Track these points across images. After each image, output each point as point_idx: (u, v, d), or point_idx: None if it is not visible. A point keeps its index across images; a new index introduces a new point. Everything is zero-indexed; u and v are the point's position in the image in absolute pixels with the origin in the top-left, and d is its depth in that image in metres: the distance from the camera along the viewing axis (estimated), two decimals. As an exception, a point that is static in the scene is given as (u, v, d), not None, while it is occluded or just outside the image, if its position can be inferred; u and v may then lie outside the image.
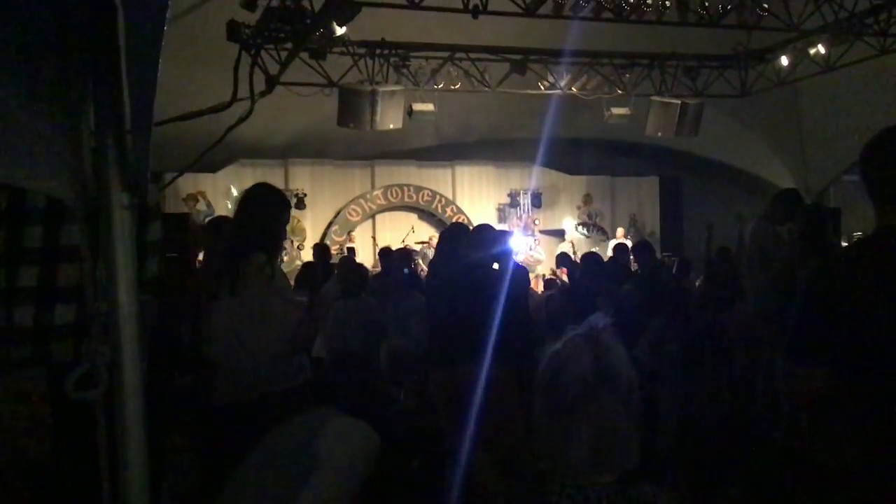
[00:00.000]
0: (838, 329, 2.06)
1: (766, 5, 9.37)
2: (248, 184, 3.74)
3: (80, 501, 2.04)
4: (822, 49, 10.69)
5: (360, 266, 8.12)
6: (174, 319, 3.39)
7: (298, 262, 12.40)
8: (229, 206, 13.48)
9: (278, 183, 14.84)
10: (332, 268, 8.64)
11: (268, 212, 3.43)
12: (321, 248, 10.21)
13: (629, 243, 13.37)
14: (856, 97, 12.39)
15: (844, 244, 5.85)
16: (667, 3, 9.15)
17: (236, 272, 3.25)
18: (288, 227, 14.23)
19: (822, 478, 2.20)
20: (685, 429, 4.94)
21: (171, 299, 3.38)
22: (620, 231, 15.75)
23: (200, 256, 4.58)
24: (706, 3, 9.23)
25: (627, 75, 12.26)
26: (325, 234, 15.36)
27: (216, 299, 3.28)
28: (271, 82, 9.49)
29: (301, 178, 15.46)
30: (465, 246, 5.23)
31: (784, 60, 11.47)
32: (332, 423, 2.26)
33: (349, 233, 15.30)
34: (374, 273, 9.26)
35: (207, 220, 7.92)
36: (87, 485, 1.39)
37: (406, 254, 9.10)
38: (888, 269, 2.07)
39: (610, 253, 12.40)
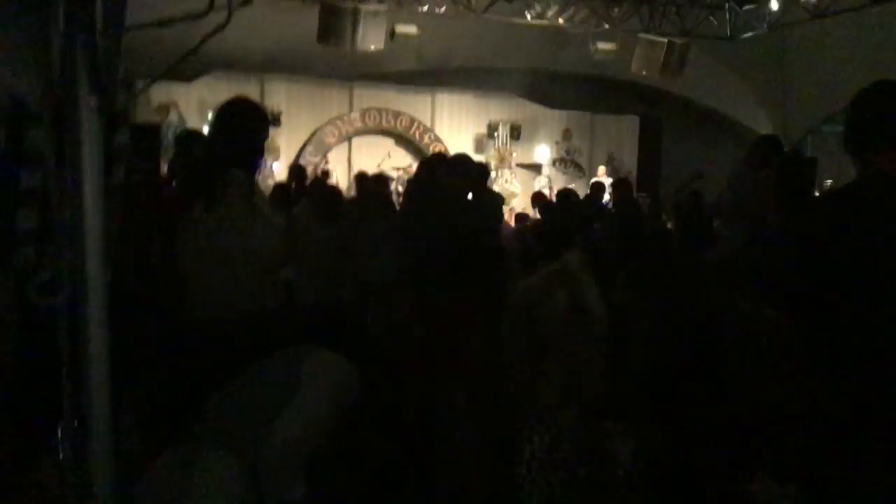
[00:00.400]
0: (815, 275, 2.07)
1: (761, -54, 9.24)
2: (223, 97, 3.63)
3: (42, 409, 2.04)
4: (813, -5, 10.62)
5: (336, 190, 8.04)
6: (141, 232, 3.32)
7: (271, 182, 12.26)
8: (202, 118, 13.22)
9: (254, 98, 14.55)
10: (306, 190, 8.55)
11: (247, 126, 3.31)
12: (298, 170, 10.09)
13: (607, 182, 13.41)
14: (842, 49, 12.35)
15: (817, 194, 5.90)
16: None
17: (213, 188, 3.16)
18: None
19: (775, 418, 2.25)
20: (656, 370, 5.02)
21: (140, 212, 3.29)
22: (602, 169, 15.67)
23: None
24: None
25: (616, 10, 12.11)
26: (299, 154, 15.16)
27: (190, 215, 3.19)
28: (251, -7, 9.23)
29: (277, 95, 15.15)
30: (442, 174, 5.21)
31: (774, 5, 11.37)
32: (313, 355, 2.29)
33: (325, 154, 15.12)
34: (348, 198, 9.18)
35: (179, 131, 7.77)
36: (50, 392, 1.38)
37: (382, 179, 9.01)
38: (881, 215, 2.07)
39: (587, 190, 12.41)
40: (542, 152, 16.90)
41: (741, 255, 5.13)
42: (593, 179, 14.64)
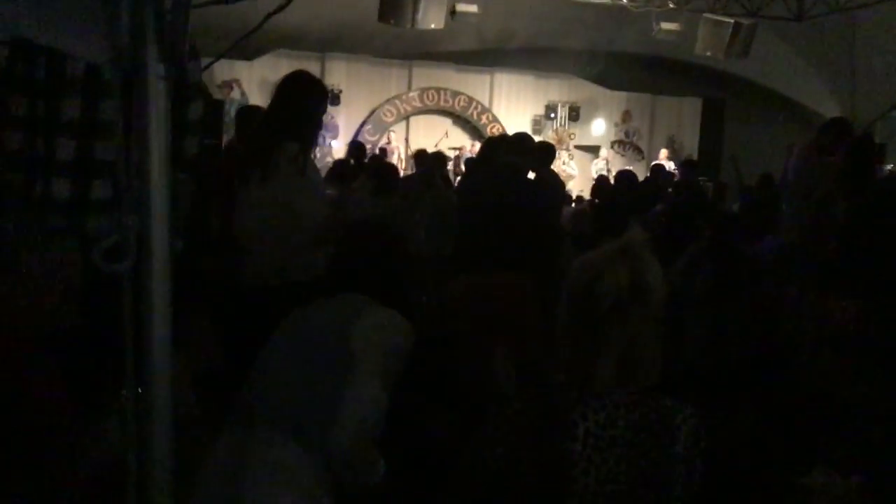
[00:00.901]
0: (877, 263, 2.02)
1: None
2: (284, 73, 3.67)
3: (106, 371, 2.09)
4: (887, -25, 10.22)
5: (393, 167, 8.07)
6: (206, 203, 3.39)
7: (330, 159, 12.36)
8: (263, 96, 13.37)
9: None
10: (365, 167, 8.61)
11: (304, 100, 3.35)
12: (357, 146, 10.17)
13: (669, 165, 13.19)
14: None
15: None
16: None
17: (268, 160, 3.21)
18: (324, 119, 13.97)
19: (835, 411, 2.20)
20: (712, 354, 4.94)
21: (203, 183, 3.37)
22: (664, 153, 15.33)
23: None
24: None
25: (681, -11, 11.84)
26: (358, 132, 15.24)
27: (247, 186, 3.25)
28: (313, -29, 9.26)
29: (337, 73, 15.24)
30: (503, 153, 5.17)
31: (846, -16, 10.99)
32: (366, 312, 2.24)
33: (384, 133, 15.15)
34: (406, 175, 9.22)
35: (240, 107, 7.86)
36: (113, 355, 1.42)
37: (440, 157, 9.02)
38: None
39: (647, 174, 12.22)
40: (601, 134, 16.68)
41: (807, 241, 5.00)
42: (654, 162, 14.40)
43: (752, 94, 16.27)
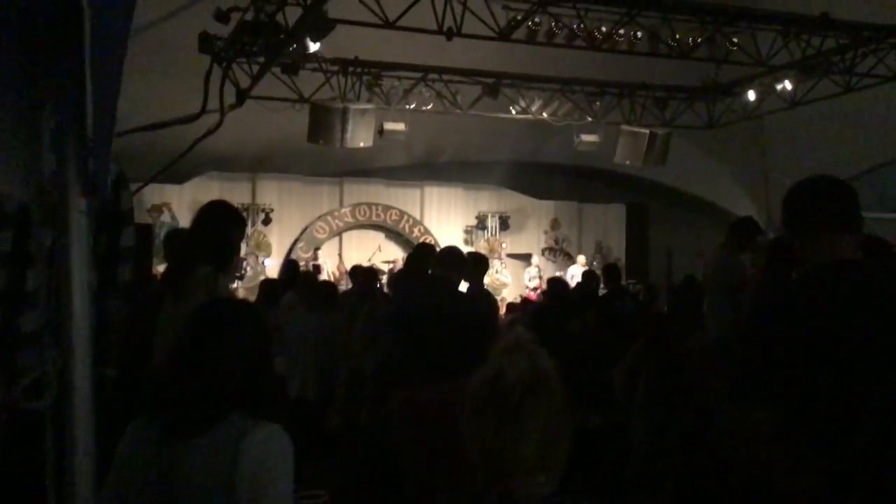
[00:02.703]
0: (783, 369, 2.10)
1: (735, 40, 9.56)
2: (215, 196, 3.77)
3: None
4: (788, 85, 10.93)
5: (329, 282, 8.07)
6: (139, 328, 3.41)
7: (263, 277, 12.29)
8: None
9: (245, 197, 14.73)
10: (296, 284, 8.58)
11: (219, 226, 3.50)
12: (290, 265, 10.18)
13: (580, 271, 13.67)
14: (819, 134, 12.68)
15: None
16: (638, 33, 9.30)
17: (182, 282, 3.34)
18: (253, 243, 14.05)
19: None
20: (657, 456, 4.95)
21: (141, 308, 3.43)
22: (581, 259, 15.78)
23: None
24: (677, 36, 9.40)
25: (598, 103, 12.42)
26: (291, 250, 15.25)
27: (163, 306, 3.37)
28: (242, 96, 9.45)
29: (269, 193, 15.37)
30: (435, 266, 5.23)
31: (751, 95, 11.71)
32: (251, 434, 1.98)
33: (315, 249, 15.20)
34: (343, 291, 9.22)
35: (168, 231, 7.84)
36: (35, 494, 1.35)
37: (373, 273, 9.07)
38: (841, 304, 2.13)
39: (576, 278, 12.47)
40: (531, 242, 17.05)
41: (722, 341, 5.15)
42: (574, 267, 14.85)
43: (673, 199, 16.93)
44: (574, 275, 14.42)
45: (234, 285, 12.20)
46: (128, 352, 3.28)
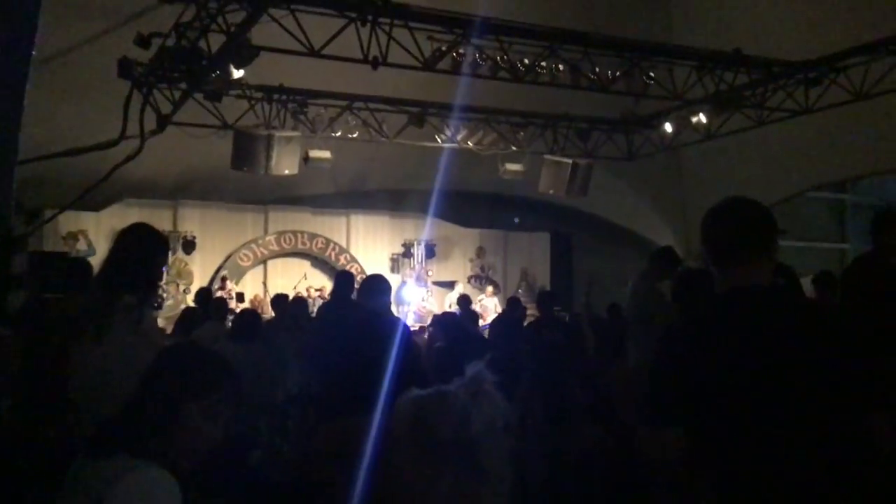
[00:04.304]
0: (685, 392, 2.16)
1: (652, 74, 9.90)
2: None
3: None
4: (703, 118, 11.33)
5: (253, 311, 7.95)
6: (37, 360, 3.20)
7: (183, 306, 12.01)
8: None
9: (166, 224, 14.41)
10: (212, 313, 8.42)
11: (142, 252, 3.26)
12: (203, 294, 9.97)
13: (492, 302, 13.83)
14: (734, 164, 13.19)
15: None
16: (560, 66, 9.54)
17: (102, 316, 3.10)
18: (174, 271, 13.64)
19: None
20: (551, 488, 4.97)
21: (43, 339, 3.20)
22: (490, 289, 15.71)
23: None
24: (597, 69, 9.67)
25: (522, 133, 12.65)
26: (213, 279, 14.97)
27: (80, 343, 3.10)
28: (163, 122, 9.29)
29: (190, 220, 15.07)
30: (360, 295, 5.21)
31: (668, 127, 12.11)
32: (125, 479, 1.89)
33: (223, 279, 14.76)
34: (267, 319, 9.09)
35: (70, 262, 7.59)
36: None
37: (300, 301, 8.98)
38: (739, 330, 2.18)
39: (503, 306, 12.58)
40: (457, 270, 17.14)
41: (640, 367, 5.28)
42: (481, 296, 14.98)
43: (596, 227, 17.29)
44: (451, 302, 14.49)
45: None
46: (29, 384, 3.12)
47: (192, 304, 12.17)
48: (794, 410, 2.08)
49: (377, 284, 5.12)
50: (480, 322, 11.19)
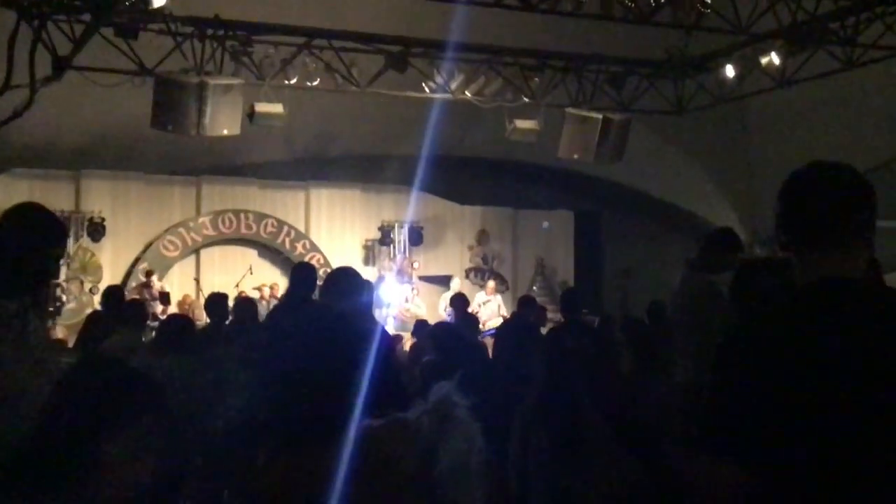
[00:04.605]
0: (755, 416, 2.11)
1: (708, 1, 9.72)
2: (25, 199, 3.61)
3: None
4: (775, 59, 11.20)
5: (184, 317, 7.96)
6: None
7: (89, 310, 12.03)
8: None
9: (66, 202, 14.40)
10: (124, 317, 8.42)
11: (27, 242, 3.23)
12: (110, 294, 9.93)
13: (495, 300, 13.70)
14: (815, 119, 13.11)
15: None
16: (587, -10, 9.47)
17: None
18: (77, 264, 13.70)
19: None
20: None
21: None
22: (493, 285, 15.46)
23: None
24: (635, -5, 9.58)
25: (536, 80, 12.55)
26: (129, 273, 14.97)
27: None
28: (60, 65, 9.27)
29: (98, 197, 15.05)
30: (323, 294, 5.22)
31: (729, 71, 12.00)
32: None
33: (148, 274, 14.75)
34: (201, 327, 9.10)
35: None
36: None
37: (245, 303, 8.99)
38: (835, 338, 2.12)
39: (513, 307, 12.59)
40: (452, 261, 17.10)
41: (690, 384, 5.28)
42: (484, 296, 14.80)
43: (633, 204, 17.25)
44: (445, 304, 14.26)
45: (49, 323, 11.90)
46: None
47: (100, 306, 12.18)
48: None
49: (346, 280, 5.14)
50: (481, 328, 11.23)
